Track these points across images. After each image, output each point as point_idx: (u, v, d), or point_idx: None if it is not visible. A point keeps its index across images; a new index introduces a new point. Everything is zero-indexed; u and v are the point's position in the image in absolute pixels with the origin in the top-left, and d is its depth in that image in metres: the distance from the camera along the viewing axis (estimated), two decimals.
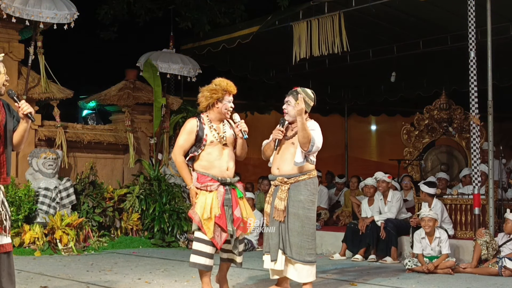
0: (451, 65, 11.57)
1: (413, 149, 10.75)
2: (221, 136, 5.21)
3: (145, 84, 10.73)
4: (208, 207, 5.08)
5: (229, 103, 5.27)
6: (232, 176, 5.27)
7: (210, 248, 5.09)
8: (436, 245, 7.21)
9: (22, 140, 4.28)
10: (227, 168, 5.22)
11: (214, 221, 5.05)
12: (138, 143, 10.62)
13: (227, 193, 5.17)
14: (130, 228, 9.58)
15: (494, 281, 6.48)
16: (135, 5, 12.38)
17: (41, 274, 6.56)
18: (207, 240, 5.07)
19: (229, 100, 5.28)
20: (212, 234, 5.04)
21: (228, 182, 5.21)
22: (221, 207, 5.10)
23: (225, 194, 5.15)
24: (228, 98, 5.27)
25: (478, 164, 7.64)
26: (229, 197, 5.17)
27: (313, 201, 5.47)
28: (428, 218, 7.21)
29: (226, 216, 5.11)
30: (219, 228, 5.07)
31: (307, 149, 5.31)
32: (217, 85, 5.30)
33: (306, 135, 5.28)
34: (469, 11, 7.70)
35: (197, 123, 5.22)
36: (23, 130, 4.24)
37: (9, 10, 8.44)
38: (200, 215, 5.06)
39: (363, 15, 9.29)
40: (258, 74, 12.97)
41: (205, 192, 5.13)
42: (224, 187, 5.16)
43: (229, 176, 5.22)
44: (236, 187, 5.28)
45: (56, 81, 9.60)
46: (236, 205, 5.20)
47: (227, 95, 5.27)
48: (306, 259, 5.37)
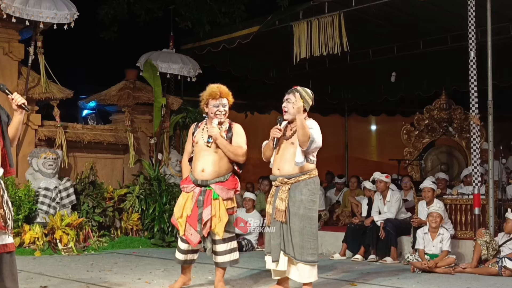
0: (451, 65, 11.57)
1: (413, 149, 10.76)
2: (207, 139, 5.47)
3: (145, 84, 10.73)
4: (182, 207, 5.48)
5: (216, 107, 5.48)
6: (209, 177, 5.44)
7: (183, 245, 5.56)
8: (438, 242, 7.23)
9: (17, 133, 4.32)
10: (203, 169, 5.44)
11: (186, 220, 5.42)
12: (138, 143, 10.62)
13: (201, 194, 5.43)
14: (130, 228, 9.58)
15: (494, 281, 6.48)
16: (135, 5, 12.37)
17: (41, 274, 6.56)
18: (182, 237, 5.53)
19: (216, 104, 5.50)
20: (183, 232, 5.44)
21: (201, 184, 5.44)
22: (194, 208, 5.40)
23: (199, 195, 5.43)
24: (214, 102, 5.49)
25: (478, 164, 7.64)
26: (201, 198, 5.41)
27: (314, 200, 5.46)
28: (437, 213, 7.28)
29: (197, 216, 5.38)
30: (191, 227, 5.41)
31: (306, 147, 5.30)
32: (204, 91, 5.59)
33: (305, 133, 5.28)
34: (469, 11, 7.70)
35: (194, 126, 5.66)
36: (18, 122, 4.28)
37: (9, 10, 8.43)
38: (175, 214, 5.53)
39: (363, 15, 9.30)
40: (258, 74, 12.97)
41: (184, 193, 5.54)
42: (200, 188, 5.44)
43: (203, 178, 5.44)
44: (212, 188, 5.43)
45: (56, 81, 9.60)
46: (207, 206, 5.38)
47: (212, 100, 5.50)
48: (308, 259, 5.37)
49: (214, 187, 5.44)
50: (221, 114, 5.51)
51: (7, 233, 4.18)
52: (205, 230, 5.38)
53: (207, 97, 5.52)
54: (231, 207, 5.53)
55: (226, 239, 5.51)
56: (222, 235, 5.44)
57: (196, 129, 5.63)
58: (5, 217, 4.15)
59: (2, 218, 4.14)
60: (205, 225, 5.37)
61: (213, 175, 5.45)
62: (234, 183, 5.55)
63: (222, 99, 5.53)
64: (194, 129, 5.66)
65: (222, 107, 5.52)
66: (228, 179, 5.52)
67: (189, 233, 5.40)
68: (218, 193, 5.43)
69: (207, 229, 5.38)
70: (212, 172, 5.45)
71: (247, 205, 9.25)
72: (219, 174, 5.46)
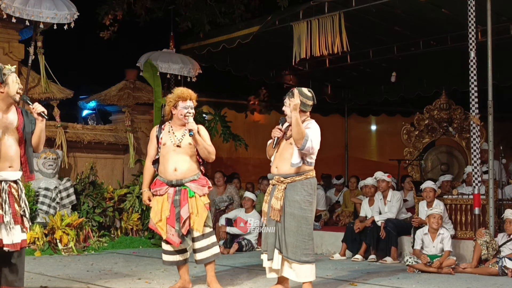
0: (451, 65, 11.56)
1: (413, 149, 10.74)
2: (177, 139, 5.58)
3: (145, 84, 10.73)
4: (159, 211, 5.54)
5: (185, 109, 5.60)
6: (182, 177, 5.54)
7: (169, 246, 5.63)
8: (438, 242, 7.23)
9: (40, 140, 4.83)
10: (175, 169, 5.54)
11: (166, 222, 5.49)
12: (138, 143, 10.63)
13: (176, 194, 5.53)
14: (130, 228, 9.59)
15: (494, 281, 6.48)
16: (135, 5, 12.37)
17: (41, 274, 6.56)
18: (165, 240, 5.61)
19: (185, 106, 5.61)
20: (166, 235, 5.52)
21: (176, 184, 5.53)
22: (171, 208, 5.50)
23: (174, 195, 5.53)
24: (183, 104, 5.62)
25: (478, 164, 7.64)
26: (177, 198, 5.51)
27: (310, 201, 5.45)
28: (439, 215, 7.27)
29: (175, 216, 5.48)
30: (172, 228, 5.50)
31: (300, 145, 5.29)
32: (172, 93, 5.73)
33: (299, 130, 5.27)
34: (469, 11, 7.69)
35: (157, 129, 5.77)
36: (40, 130, 4.81)
37: (9, 10, 8.44)
38: (153, 219, 5.57)
39: (363, 15, 9.29)
40: (258, 74, 12.97)
41: (157, 197, 5.60)
42: (174, 189, 5.53)
43: (177, 178, 5.54)
44: (187, 187, 5.53)
45: (56, 81, 9.60)
46: (184, 204, 5.48)
47: (181, 101, 5.62)
48: (302, 259, 5.36)
49: (189, 185, 5.55)
50: (190, 115, 5.65)
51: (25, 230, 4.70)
52: (184, 228, 5.48)
53: (176, 99, 5.64)
54: (207, 203, 5.64)
55: (206, 234, 5.60)
56: (202, 230, 5.54)
57: (160, 131, 5.72)
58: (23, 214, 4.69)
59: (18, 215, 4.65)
60: (184, 223, 5.47)
61: (186, 174, 5.56)
62: (206, 180, 5.70)
63: (190, 101, 5.68)
64: (157, 131, 5.73)
65: (191, 109, 5.65)
66: (200, 177, 5.66)
67: (170, 234, 5.52)
68: (194, 191, 5.55)
69: (186, 227, 5.48)
70: (185, 171, 5.56)
71: (246, 205, 9.26)
72: (192, 173, 5.59)
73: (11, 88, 4.72)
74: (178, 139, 5.60)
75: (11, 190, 4.66)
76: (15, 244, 4.61)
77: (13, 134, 4.71)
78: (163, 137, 5.67)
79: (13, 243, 4.60)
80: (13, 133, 4.72)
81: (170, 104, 5.66)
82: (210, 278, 5.65)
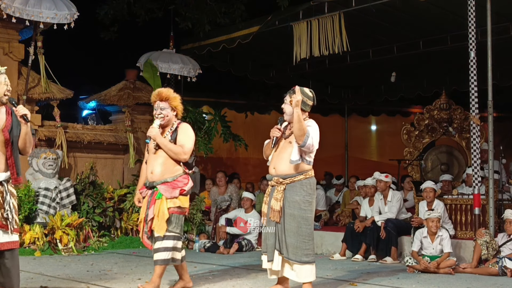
0: (451, 65, 11.56)
1: (413, 149, 10.75)
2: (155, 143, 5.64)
3: (145, 84, 10.73)
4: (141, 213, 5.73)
5: (155, 110, 5.70)
6: (156, 179, 5.60)
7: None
8: (437, 244, 7.22)
9: (26, 143, 4.66)
10: (151, 172, 5.63)
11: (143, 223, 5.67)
12: (138, 143, 10.63)
13: (151, 195, 5.63)
14: (130, 228, 9.58)
15: (494, 281, 6.48)
16: (135, 5, 12.37)
17: (41, 274, 6.57)
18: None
19: (155, 107, 5.72)
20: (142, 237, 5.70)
21: (150, 186, 5.64)
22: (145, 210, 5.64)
23: (149, 197, 5.64)
24: (155, 105, 5.72)
25: (478, 164, 7.64)
26: (150, 200, 5.62)
27: (309, 201, 5.45)
28: (437, 219, 7.24)
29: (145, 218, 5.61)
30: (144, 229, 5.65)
31: (302, 142, 5.28)
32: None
33: (301, 127, 5.27)
34: (469, 11, 7.69)
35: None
36: (24, 133, 4.63)
37: (9, 10, 8.43)
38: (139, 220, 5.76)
39: (363, 15, 9.29)
40: (258, 74, 12.97)
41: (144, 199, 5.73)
42: (150, 190, 5.66)
43: (152, 180, 5.63)
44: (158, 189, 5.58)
45: (56, 81, 9.60)
46: (151, 206, 5.55)
47: (154, 103, 5.75)
48: (303, 260, 5.37)
49: (160, 187, 5.58)
50: (159, 116, 5.67)
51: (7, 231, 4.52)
52: (148, 228, 5.59)
53: (153, 102, 5.77)
54: (176, 206, 5.55)
55: (165, 237, 5.53)
56: (161, 233, 5.51)
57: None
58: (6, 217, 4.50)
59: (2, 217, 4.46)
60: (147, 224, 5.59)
61: (160, 176, 5.59)
62: (183, 183, 5.61)
63: (160, 103, 5.71)
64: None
65: (160, 110, 5.68)
66: (177, 179, 5.60)
67: (145, 238, 5.66)
68: (162, 193, 5.56)
69: (149, 228, 5.57)
70: (159, 173, 5.60)
71: (245, 205, 9.25)
72: (167, 175, 5.59)
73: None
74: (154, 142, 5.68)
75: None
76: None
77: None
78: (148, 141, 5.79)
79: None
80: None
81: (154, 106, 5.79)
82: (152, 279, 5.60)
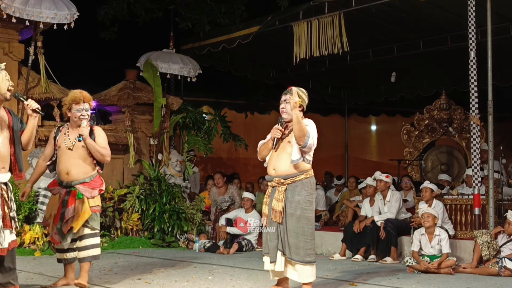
0: (451, 65, 11.57)
1: (413, 149, 10.75)
2: (70, 142, 5.70)
3: (145, 84, 10.73)
4: (51, 209, 5.78)
5: (79, 112, 5.71)
6: (72, 179, 5.68)
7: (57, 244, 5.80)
8: (436, 243, 7.21)
9: (32, 137, 4.80)
10: (67, 172, 5.69)
11: (53, 220, 5.70)
12: (138, 143, 10.62)
13: (67, 194, 5.68)
14: (130, 228, 9.58)
15: (494, 281, 6.48)
16: (135, 5, 12.37)
17: (41, 274, 6.56)
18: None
19: (79, 109, 5.72)
20: (51, 232, 5.75)
21: (67, 185, 5.68)
22: (59, 208, 5.67)
23: (65, 195, 5.68)
24: (76, 107, 5.72)
25: (478, 164, 7.64)
26: (66, 198, 5.67)
27: (310, 201, 5.46)
28: (427, 214, 7.25)
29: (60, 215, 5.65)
30: (55, 226, 5.68)
31: (303, 142, 5.29)
32: (67, 97, 5.84)
33: (301, 128, 5.29)
34: (469, 11, 7.70)
35: (56, 130, 5.90)
36: (32, 127, 4.76)
37: (9, 10, 8.43)
38: (46, 216, 5.83)
39: (363, 15, 9.29)
40: (258, 74, 12.97)
41: (52, 196, 5.82)
42: (66, 189, 5.69)
43: (68, 180, 5.69)
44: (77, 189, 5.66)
45: (56, 81, 9.60)
46: (70, 205, 5.63)
47: (75, 104, 5.73)
48: (306, 260, 5.37)
49: (78, 188, 5.67)
50: (85, 118, 5.74)
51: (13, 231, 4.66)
52: (65, 227, 5.62)
53: (70, 102, 5.74)
54: (95, 205, 5.74)
55: (87, 235, 5.71)
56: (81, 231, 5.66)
57: (58, 133, 5.84)
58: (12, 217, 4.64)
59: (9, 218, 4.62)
60: (66, 222, 5.61)
61: (77, 177, 5.68)
62: (99, 183, 5.81)
63: (84, 104, 5.76)
64: (55, 133, 5.86)
65: (85, 111, 5.74)
66: (93, 179, 5.75)
67: (54, 233, 5.70)
68: (83, 193, 5.67)
69: (68, 227, 5.62)
70: (76, 174, 5.68)
71: (245, 205, 9.25)
72: (84, 175, 5.70)
73: (1, 86, 4.63)
74: (71, 142, 5.71)
75: (2, 192, 4.64)
76: (3, 249, 4.58)
77: (6, 133, 4.66)
78: (59, 139, 5.79)
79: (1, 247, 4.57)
80: (6, 132, 4.67)
81: (65, 107, 5.79)
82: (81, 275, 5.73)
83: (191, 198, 10.77)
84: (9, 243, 4.61)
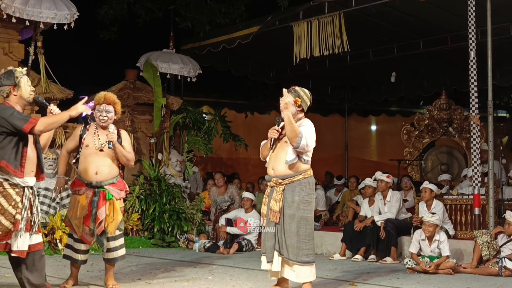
0: (451, 65, 11.57)
1: (413, 149, 10.75)
2: (101, 143, 5.71)
3: (145, 84, 10.73)
4: (76, 209, 5.70)
5: (99, 112, 5.78)
6: (102, 179, 5.70)
7: (78, 245, 5.77)
8: (435, 247, 7.20)
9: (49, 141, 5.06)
10: (96, 172, 5.69)
11: (82, 221, 5.66)
12: (138, 143, 10.62)
13: (95, 195, 5.69)
14: (130, 228, 9.58)
15: (494, 281, 6.48)
16: (135, 5, 12.38)
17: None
18: (77, 238, 5.75)
19: (99, 109, 5.78)
20: (81, 233, 5.69)
21: (96, 186, 5.69)
22: (88, 209, 5.66)
23: (93, 196, 5.69)
24: (98, 107, 5.78)
25: (478, 165, 7.64)
26: (95, 199, 5.68)
27: (308, 201, 5.44)
28: (429, 223, 7.17)
29: (91, 216, 5.66)
30: (86, 227, 5.68)
31: (295, 143, 5.28)
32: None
33: (292, 129, 5.28)
34: (469, 11, 7.70)
35: (81, 129, 5.89)
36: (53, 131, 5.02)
37: (9, 10, 8.42)
38: (69, 216, 5.75)
39: (363, 15, 9.30)
40: (258, 74, 12.97)
41: (76, 196, 5.74)
42: (93, 190, 5.69)
43: (97, 180, 5.69)
44: (106, 189, 5.70)
45: (56, 81, 9.60)
46: (101, 206, 5.66)
47: (97, 104, 5.79)
48: (303, 260, 5.36)
49: (108, 188, 5.71)
50: (103, 119, 5.77)
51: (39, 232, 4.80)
52: (99, 229, 5.65)
53: (94, 103, 5.79)
54: (121, 206, 5.85)
55: (116, 236, 5.78)
56: (114, 232, 5.73)
57: (84, 131, 5.84)
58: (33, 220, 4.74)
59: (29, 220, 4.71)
60: (100, 224, 5.64)
61: (106, 177, 5.72)
62: (123, 184, 5.89)
63: (106, 106, 5.79)
64: (82, 131, 5.86)
65: (105, 113, 5.77)
66: (119, 180, 5.83)
67: (85, 233, 5.70)
68: (112, 194, 5.72)
69: (101, 228, 5.65)
70: (105, 174, 5.72)
71: (245, 205, 9.25)
72: (111, 176, 5.74)
73: (24, 91, 4.82)
74: (101, 144, 5.72)
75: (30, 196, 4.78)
76: (22, 251, 4.67)
77: (31, 137, 4.79)
78: (86, 138, 5.80)
79: (20, 249, 4.67)
80: (31, 136, 4.79)
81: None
82: (108, 275, 5.81)
83: (191, 198, 10.78)
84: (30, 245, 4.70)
